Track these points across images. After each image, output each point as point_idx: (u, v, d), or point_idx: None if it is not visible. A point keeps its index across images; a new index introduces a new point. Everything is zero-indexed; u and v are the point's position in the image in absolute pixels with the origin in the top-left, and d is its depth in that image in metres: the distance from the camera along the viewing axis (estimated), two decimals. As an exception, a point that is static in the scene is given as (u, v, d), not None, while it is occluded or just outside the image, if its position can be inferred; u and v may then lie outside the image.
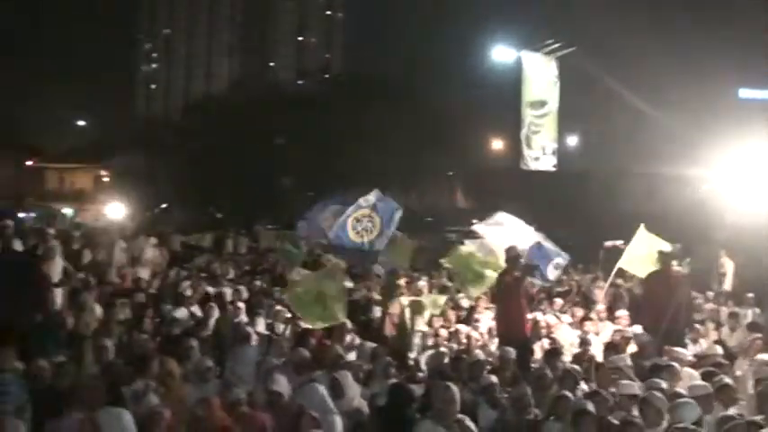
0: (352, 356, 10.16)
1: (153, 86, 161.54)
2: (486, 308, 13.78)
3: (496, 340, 11.55)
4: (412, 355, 11.58)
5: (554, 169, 32.59)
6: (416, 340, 12.18)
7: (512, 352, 9.84)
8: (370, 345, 10.46)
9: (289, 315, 12.61)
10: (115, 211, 40.73)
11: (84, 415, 6.11)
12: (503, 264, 11.87)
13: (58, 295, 11.76)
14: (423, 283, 15.34)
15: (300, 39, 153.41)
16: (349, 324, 11.45)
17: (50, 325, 9.39)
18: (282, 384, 7.51)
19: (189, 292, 14.70)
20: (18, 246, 13.29)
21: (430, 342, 12.01)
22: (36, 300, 11.04)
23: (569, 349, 11.20)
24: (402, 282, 14.52)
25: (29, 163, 60.00)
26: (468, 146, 44.02)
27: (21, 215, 41.86)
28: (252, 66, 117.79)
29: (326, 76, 54.95)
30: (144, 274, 16.68)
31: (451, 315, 13.35)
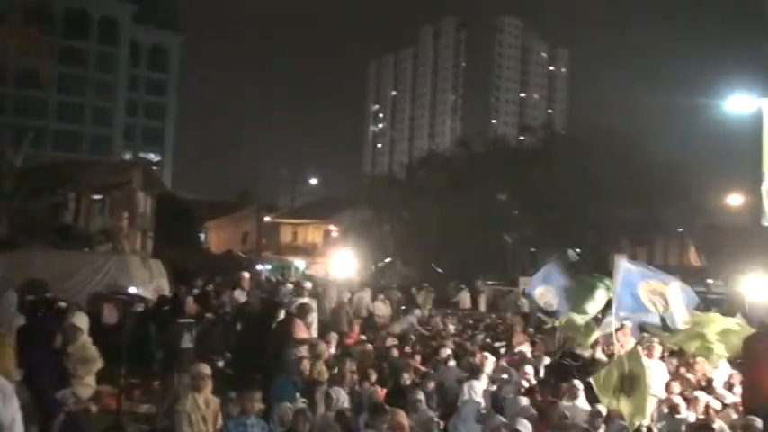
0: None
1: (379, 145, 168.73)
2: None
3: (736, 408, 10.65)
4: (645, 421, 10.92)
5: (801, 227, 29.99)
6: (649, 405, 11.46)
7: (759, 423, 8.99)
8: (601, 407, 9.99)
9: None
10: (342, 264, 42.44)
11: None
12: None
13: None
14: (656, 344, 14.40)
15: (523, 95, 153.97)
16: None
17: (291, 370, 9.88)
18: (527, 427, 7.43)
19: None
20: (256, 294, 14.35)
21: (665, 409, 11.25)
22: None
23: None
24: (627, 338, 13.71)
25: (266, 219, 64.32)
26: (700, 201, 41.59)
27: (259, 266, 45.04)
28: (474, 123, 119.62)
29: (548, 131, 54.20)
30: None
31: (689, 380, 12.46)
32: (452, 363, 13.45)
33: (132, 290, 8.17)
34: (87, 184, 34.46)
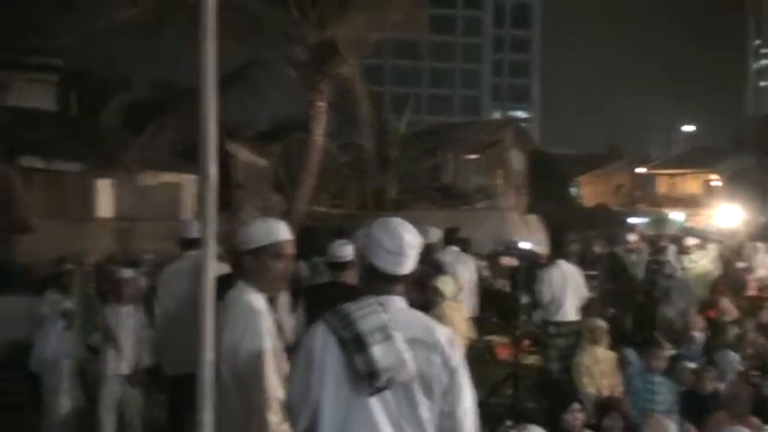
0: None
1: (762, 84, 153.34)
2: None
3: None
4: None
5: None
6: None
7: None
8: None
9: None
10: (727, 216, 39.69)
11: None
12: None
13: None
14: None
15: None
16: None
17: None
18: None
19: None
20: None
21: None
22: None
23: None
24: None
25: (639, 170, 62.33)
26: None
27: (631, 220, 43.81)
28: None
29: None
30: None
31: None
32: None
33: (524, 245, 8.30)
34: (463, 144, 36.18)
